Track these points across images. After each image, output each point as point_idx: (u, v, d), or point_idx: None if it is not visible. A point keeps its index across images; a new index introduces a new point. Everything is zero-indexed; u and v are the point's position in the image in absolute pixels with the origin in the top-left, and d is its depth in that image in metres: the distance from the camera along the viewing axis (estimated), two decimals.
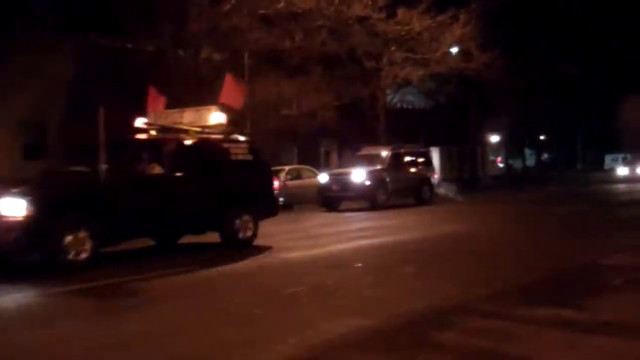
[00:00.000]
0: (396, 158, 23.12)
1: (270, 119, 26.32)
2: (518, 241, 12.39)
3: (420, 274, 8.77)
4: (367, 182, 21.67)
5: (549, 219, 17.23)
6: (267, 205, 12.65)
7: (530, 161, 60.60)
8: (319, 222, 18.00)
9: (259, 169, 12.65)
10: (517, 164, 58.38)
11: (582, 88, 45.21)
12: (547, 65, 36.18)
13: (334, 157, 36.63)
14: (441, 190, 26.25)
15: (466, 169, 45.72)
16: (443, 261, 9.97)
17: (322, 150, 35.60)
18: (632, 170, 45.27)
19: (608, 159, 60.87)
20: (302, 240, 12.92)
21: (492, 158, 50.05)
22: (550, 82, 37.74)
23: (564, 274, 8.47)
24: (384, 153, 23.09)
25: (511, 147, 54.51)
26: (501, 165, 52.51)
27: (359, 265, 9.78)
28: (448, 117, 40.12)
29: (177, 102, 23.67)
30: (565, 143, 58.96)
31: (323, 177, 22.85)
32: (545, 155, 59.94)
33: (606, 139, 58.11)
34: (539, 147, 59.23)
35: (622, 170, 47.44)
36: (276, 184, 23.29)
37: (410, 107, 41.51)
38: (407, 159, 23.76)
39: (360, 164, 22.73)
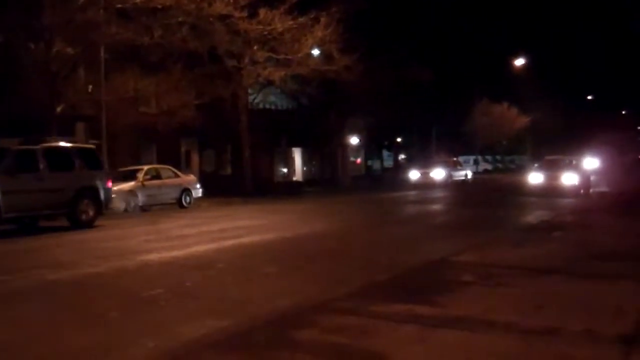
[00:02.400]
0: (24, 158, 15.23)
1: (128, 117, 25.54)
2: (373, 241, 12.74)
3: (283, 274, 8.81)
4: None
5: (399, 219, 17.86)
6: None
7: (388, 162, 62.49)
8: None
9: None
10: (375, 165, 60.14)
11: (435, 91, 47.08)
12: (402, 69, 37.43)
13: (195, 157, 36.17)
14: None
15: (327, 170, 46.62)
16: (305, 262, 10.07)
17: (183, 149, 35.03)
18: (425, 174, 39.20)
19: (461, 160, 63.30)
20: None
21: (352, 159, 51.18)
22: (406, 85, 39.06)
23: (418, 271, 8.78)
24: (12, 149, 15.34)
25: (370, 148, 56.07)
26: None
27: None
28: (310, 118, 40.64)
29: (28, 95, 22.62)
30: (421, 145, 61.22)
31: None
32: (402, 157, 61.98)
33: (459, 141, 60.90)
34: (396, 149, 61.15)
35: (414, 175, 40.04)
36: (132, 184, 22.06)
37: (272, 107, 41.72)
38: (51, 159, 15.77)
39: None
